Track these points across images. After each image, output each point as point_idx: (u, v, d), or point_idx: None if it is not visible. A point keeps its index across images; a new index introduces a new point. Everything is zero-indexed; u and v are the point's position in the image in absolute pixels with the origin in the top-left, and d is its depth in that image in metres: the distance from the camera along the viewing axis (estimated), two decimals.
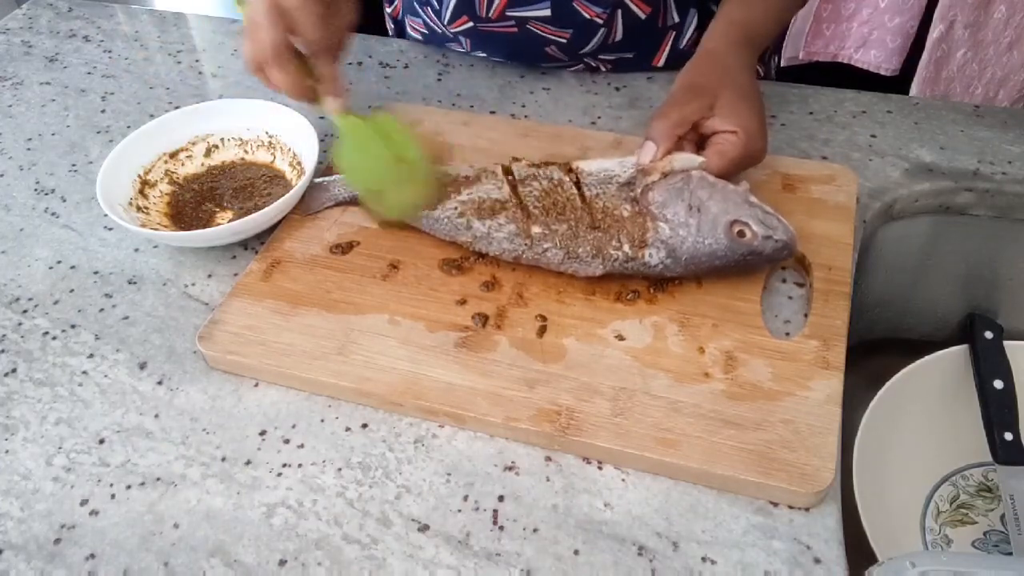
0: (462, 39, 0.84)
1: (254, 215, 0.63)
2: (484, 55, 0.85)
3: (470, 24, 0.80)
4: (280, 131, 0.73)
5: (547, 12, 0.76)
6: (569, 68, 0.84)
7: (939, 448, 0.73)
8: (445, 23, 0.82)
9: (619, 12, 0.77)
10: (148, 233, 0.64)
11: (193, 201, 0.70)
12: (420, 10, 0.85)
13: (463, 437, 0.53)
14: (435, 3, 0.82)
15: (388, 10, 0.95)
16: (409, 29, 0.90)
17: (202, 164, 0.72)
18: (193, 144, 0.72)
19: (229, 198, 0.70)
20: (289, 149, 0.72)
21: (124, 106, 0.84)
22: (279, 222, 0.66)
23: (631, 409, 0.52)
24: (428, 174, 0.63)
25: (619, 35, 0.79)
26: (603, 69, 0.83)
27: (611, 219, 0.58)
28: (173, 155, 0.71)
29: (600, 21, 0.77)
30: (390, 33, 0.97)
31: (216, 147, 0.73)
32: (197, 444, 0.54)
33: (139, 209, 0.66)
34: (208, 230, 0.63)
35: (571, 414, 0.52)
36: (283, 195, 0.66)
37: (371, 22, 1.02)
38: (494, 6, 0.77)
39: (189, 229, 0.66)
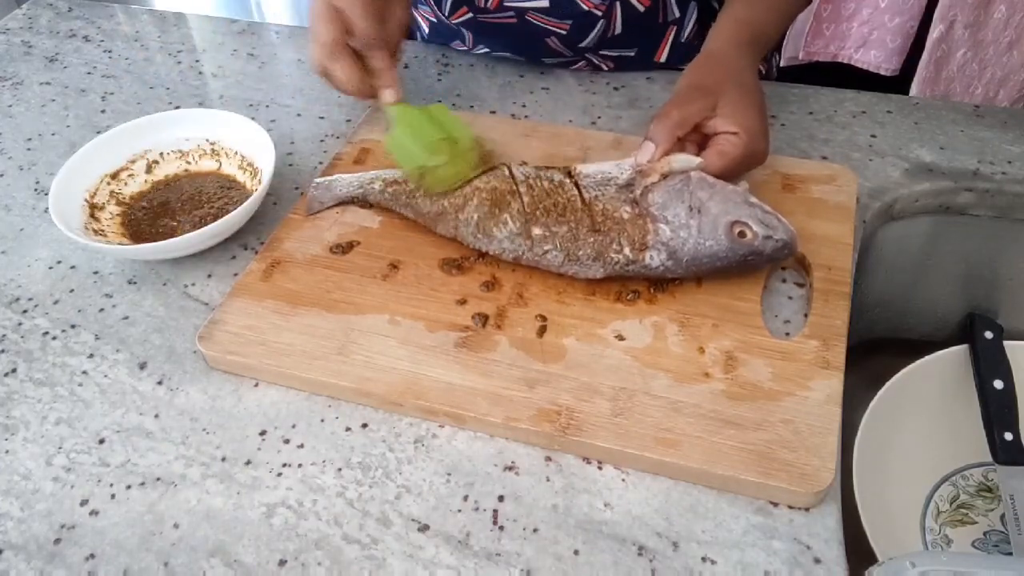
0: (464, 32, 0.83)
1: (228, 216, 0.62)
2: (486, 50, 0.85)
3: (470, 15, 0.80)
4: (221, 137, 0.72)
5: (545, 3, 0.76)
6: (572, 65, 0.84)
7: (939, 448, 0.73)
8: (446, 15, 0.82)
9: (617, 4, 0.77)
10: (118, 249, 0.64)
11: (147, 219, 0.68)
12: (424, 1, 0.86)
13: (463, 437, 0.53)
14: None
15: None
16: (419, 19, 0.90)
17: (145, 181, 0.71)
18: (133, 162, 0.71)
19: (179, 211, 0.69)
20: (236, 152, 0.71)
21: (124, 106, 0.84)
22: (278, 224, 0.66)
23: (631, 409, 0.52)
24: (476, 150, 0.65)
25: (618, 28, 0.79)
26: (605, 68, 0.83)
27: (611, 221, 0.58)
28: (114, 175, 0.70)
29: (599, 13, 0.77)
30: None
31: (156, 162, 0.72)
32: (197, 444, 0.54)
33: (96, 232, 0.65)
34: (185, 236, 0.61)
35: (571, 414, 0.52)
36: (238, 199, 0.65)
37: None
38: None
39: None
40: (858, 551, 0.57)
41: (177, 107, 0.83)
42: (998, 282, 0.78)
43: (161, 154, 0.72)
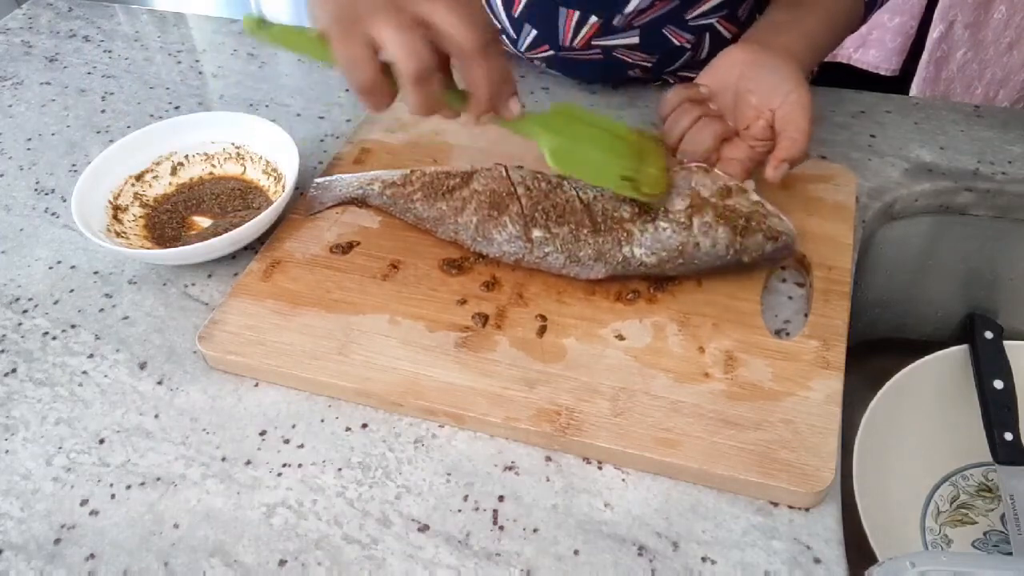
0: (538, 62, 0.82)
1: (252, 222, 0.61)
2: (557, 73, 0.83)
3: (551, 52, 0.79)
4: (247, 141, 0.71)
5: (635, 40, 0.75)
6: (647, 84, 0.83)
7: (939, 448, 0.73)
8: (522, 50, 0.80)
9: (707, 35, 0.77)
10: (143, 254, 0.63)
11: (172, 222, 0.68)
12: None
13: (463, 437, 0.53)
14: (511, 31, 0.79)
15: None
16: None
17: (170, 183, 0.71)
18: (158, 164, 0.71)
19: (202, 214, 0.69)
20: (260, 157, 0.71)
21: (124, 106, 0.84)
22: (279, 224, 0.66)
23: (631, 409, 0.52)
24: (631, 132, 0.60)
25: (704, 54, 0.78)
26: (674, 82, 0.82)
27: (612, 221, 0.58)
28: (139, 177, 0.70)
29: (688, 46, 0.76)
30: None
31: (182, 164, 0.71)
32: (197, 444, 0.54)
33: (118, 235, 0.64)
34: (208, 241, 0.61)
35: (571, 414, 0.52)
36: (260, 204, 0.65)
37: None
38: (579, 37, 0.76)
39: (171, 246, 0.65)
40: (858, 551, 0.57)
41: (177, 107, 0.83)
42: (998, 282, 0.78)
43: (187, 156, 0.72)
